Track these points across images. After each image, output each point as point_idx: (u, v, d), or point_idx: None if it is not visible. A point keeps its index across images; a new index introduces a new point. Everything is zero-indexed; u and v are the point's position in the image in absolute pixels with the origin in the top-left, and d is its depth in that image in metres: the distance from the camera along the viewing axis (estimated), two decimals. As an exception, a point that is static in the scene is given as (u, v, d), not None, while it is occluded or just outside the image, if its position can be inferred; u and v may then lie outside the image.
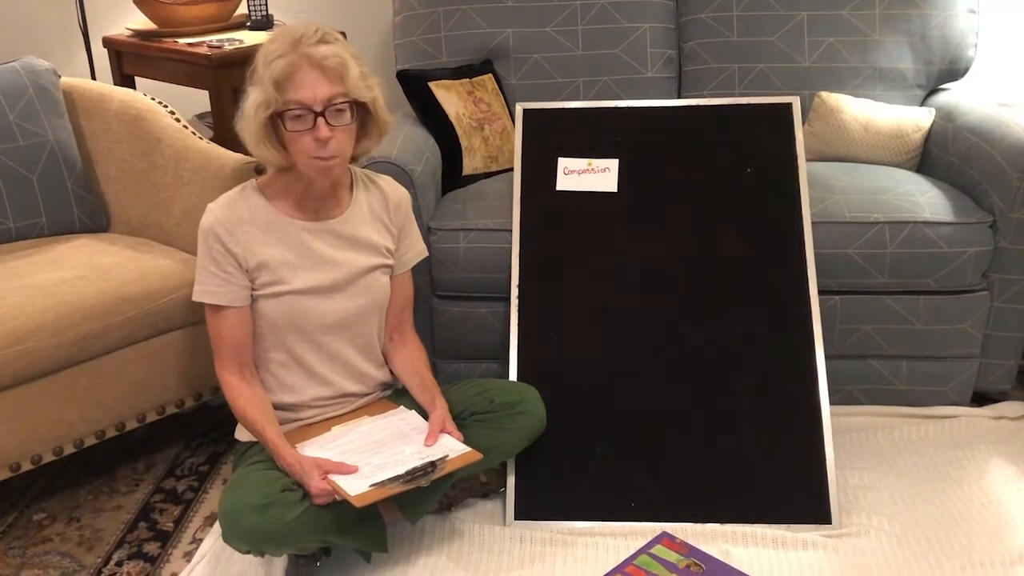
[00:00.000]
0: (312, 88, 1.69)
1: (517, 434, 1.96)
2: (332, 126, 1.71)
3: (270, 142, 1.75)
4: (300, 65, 1.69)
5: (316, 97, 1.69)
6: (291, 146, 1.74)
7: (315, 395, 1.90)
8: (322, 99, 1.69)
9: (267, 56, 1.70)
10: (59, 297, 2.03)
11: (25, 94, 2.37)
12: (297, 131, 1.71)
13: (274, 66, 1.68)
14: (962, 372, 2.36)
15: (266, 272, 1.82)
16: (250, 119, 1.72)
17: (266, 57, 1.70)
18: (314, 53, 1.69)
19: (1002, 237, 2.25)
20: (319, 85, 1.69)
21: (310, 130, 1.70)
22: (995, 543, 1.91)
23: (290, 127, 1.71)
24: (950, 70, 2.71)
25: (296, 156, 1.75)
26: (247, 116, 1.73)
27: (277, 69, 1.68)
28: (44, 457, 2.03)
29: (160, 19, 3.05)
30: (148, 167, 2.40)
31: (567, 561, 1.90)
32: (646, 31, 2.72)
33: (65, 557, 1.99)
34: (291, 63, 1.68)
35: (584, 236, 2.23)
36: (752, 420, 2.05)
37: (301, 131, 1.71)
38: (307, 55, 1.69)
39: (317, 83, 1.69)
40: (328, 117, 1.70)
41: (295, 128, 1.71)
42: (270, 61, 1.69)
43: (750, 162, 2.26)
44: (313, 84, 1.69)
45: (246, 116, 1.73)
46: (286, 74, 1.68)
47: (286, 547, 1.76)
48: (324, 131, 1.70)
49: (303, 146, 1.72)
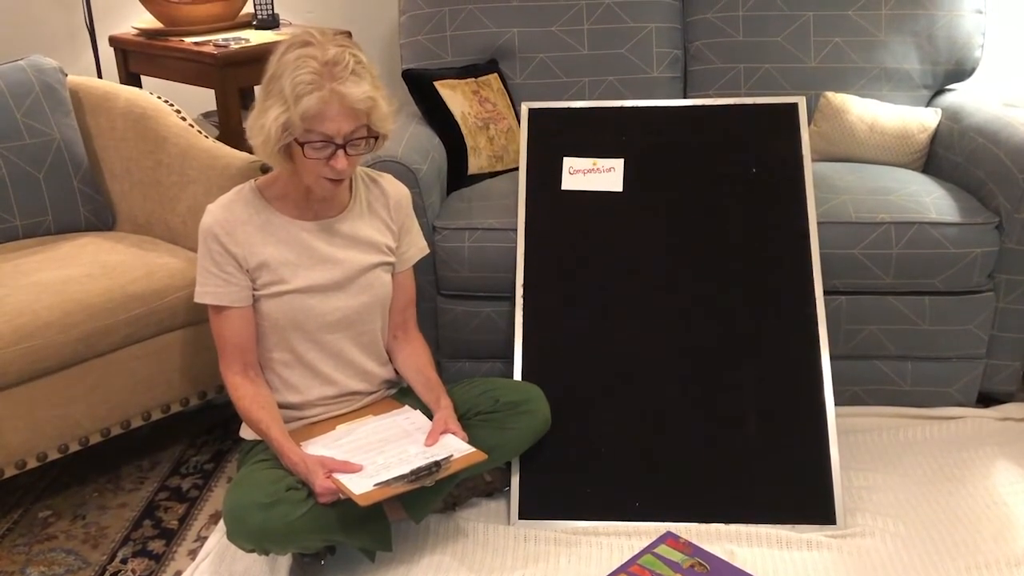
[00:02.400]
0: (337, 123, 1.69)
1: (522, 434, 1.96)
2: (349, 156, 1.73)
3: (280, 153, 1.74)
4: (331, 103, 1.67)
5: (340, 132, 1.69)
6: (302, 165, 1.74)
7: (320, 394, 1.91)
8: (345, 133, 1.70)
9: (296, 83, 1.65)
10: (65, 295, 2.03)
11: (31, 92, 2.38)
12: (314, 159, 1.71)
13: (305, 101, 1.65)
14: (967, 373, 2.36)
15: (267, 272, 1.82)
16: (266, 132, 1.70)
17: (295, 84, 1.65)
18: (347, 94, 1.67)
19: (1008, 238, 2.25)
20: (345, 122, 1.69)
21: (325, 159, 1.71)
22: (1000, 544, 1.90)
23: (309, 155, 1.70)
24: (956, 70, 2.70)
25: (305, 174, 1.76)
26: (264, 129, 1.70)
27: (308, 104, 1.65)
28: (50, 455, 2.03)
29: (166, 18, 3.06)
30: (154, 165, 2.40)
31: (571, 560, 1.90)
32: (652, 31, 2.71)
33: (70, 554, 1.99)
34: (323, 100, 1.66)
35: (589, 236, 2.23)
36: (757, 420, 2.05)
37: (317, 159, 1.71)
38: (340, 95, 1.67)
39: (343, 120, 1.69)
40: (347, 148, 1.72)
41: (313, 156, 1.71)
42: (301, 94, 1.65)
43: (755, 162, 2.26)
44: (339, 120, 1.68)
45: (262, 128, 1.70)
46: (317, 110, 1.66)
47: (291, 546, 1.76)
48: (342, 162, 1.72)
49: (315, 168, 1.73)
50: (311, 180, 1.76)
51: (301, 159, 1.73)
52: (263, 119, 1.70)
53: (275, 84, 1.69)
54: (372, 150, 1.81)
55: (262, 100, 1.73)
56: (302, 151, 1.70)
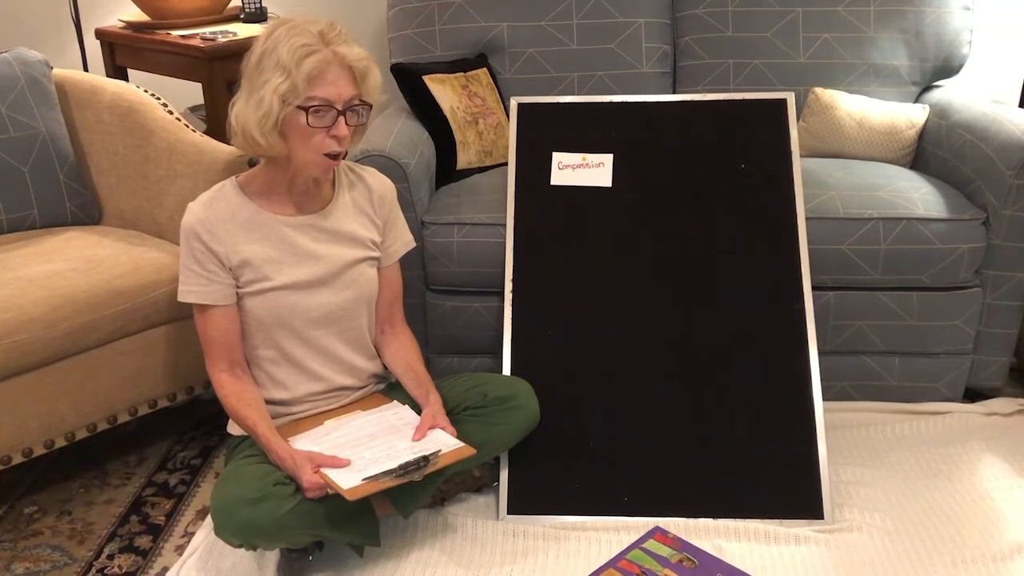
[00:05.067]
0: (338, 87, 1.70)
1: (510, 429, 1.96)
2: (349, 125, 1.73)
3: (275, 130, 1.72)
4: (332, 63, 1.69)
5: (340, 96, 1.70)
6: (299, 140, 1.72)
7: (307, 390, 1.90)
8: (345, 98, 1.71)
9: (295, 48, 1.66)
10: (51, 289, 2.02)
11: (16, 85, 2.36)
12: (316, 127, 1.70)
13: (307, 62, 1.66)
14: (954, 368, 2.37)
15: (249, 270, 1.81)
16: (266, 106, 1.68)
17: (294, 50, 1.66)
18: (347, 54, 1.70)
19: (995, 234, 2.26)
20: (345, 85, 1.70)
21: (326, 127, 1.71)
22: (986, 539, 1.91)
23: (312, 122, 1.70)
24: (944, 67, 2.71)
25: (300, 151, 1.74)
26: (262, 103, 1.68)
27: (311, 65, 1.66)
28: (35, 450, 2.02)
29: (153, 11, 3.04)
30: (141, 160, 2.39)
31: (560, 556, 1.90)
32: (641, 26, 2.71)
33: (56, 550, 1.98)
34: (324, 60, 1.68)
35: (578, 231, 2.23)
36: (745, 415, 2.06)
37: (318, 128, 1.70)
38: (340, 54, 1.69)
39: (343, 83, 1.70)
40: (346, 117, 1.72)
41: (316, 124, 1.70)
42: (301, 56, 1.66)
43: (744, 158, 2.26)
44: (339, 83, 1.70)
45: (260, 103, 1.68)
46: (319, 70, 1.67)
47: (279, 541, 1.75)
48: (343, 129, 1.72)
49: (315, 142, 1.72)
50: (308, 159, 1.74)
51: (299, 135, 1.71)
52: (259, 93, 1.69)
53: (268, 59, 1.69)
54: (365, 121, 1.80)
55: (252, 79, 1.72)
56: (305, 119, 1.69)
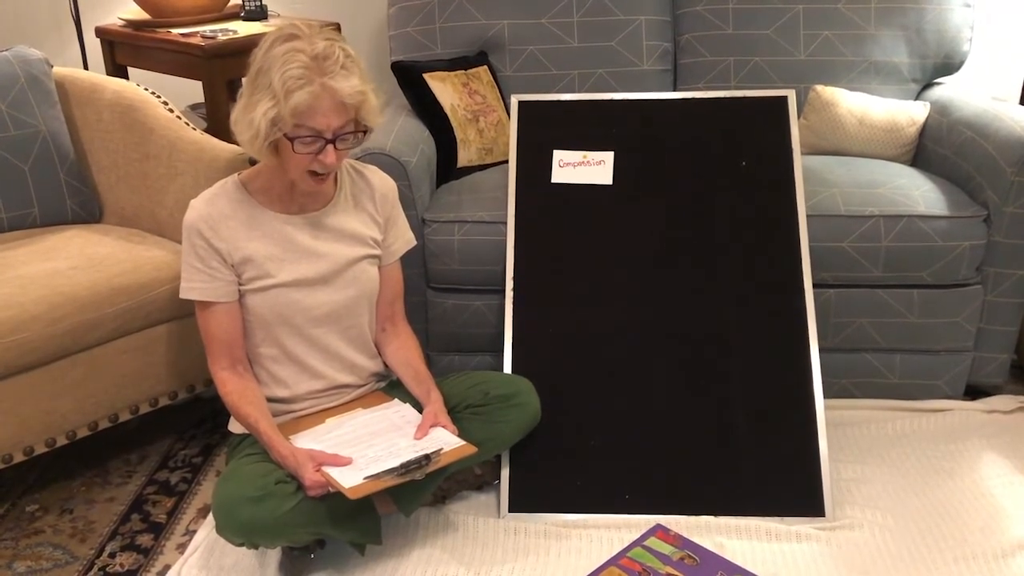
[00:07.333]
0: (327, 118, 1.67)
1: (511, 427, 1.96)
2: (338, 150, 1.72)
3: (268, 148, 1.72)
4: (322, 97, 1.65)
5: (330, 126, 1.68)
6: (289, 160, 1.72)
7: (308, 388, 1.90)
8: (335, 128, 1.69)
9: (286, 79, 1.63)
10: (52, 288, 2.02)
11: (17, 84, 2.36)
12: (302, 154, 1.70)
13: (296, 96, 1.63)
14: (955, 366, 2.37)
15: (251, 267, 1.81)
16: (255, 127, 1.67)
17: (285, 80, 1.63)
18: (338, 89, 1.66)
19: (996, 231, 2.26)
20: (335, 117, 1.68)
21: (314, 153, 1.70)
22: (987, 535, 1.91)
23: (298, 150, 1.69)
24: (945, 64, 2.71)
25: (291, 169, 1.74)
26: (252, 124, 1.68)
27: (299, 99, 1.63)
28: (37, 448, 2.02)
29: (153, 9, 3.04)
30: (141, 158, 2.39)
31: (561, 553, 1.90)
32: (642, 23, 2.71)
33: (58, 549, 1.99)
34: (314, 95, 1.64)
35: (579, 229, 2.23)
36: (746, 413, 2.06)
37: (305, 153, 1.70)
38: (331, 89, 1.65)
39: (334, 115, 1.68)
40: (336, 143, 1.71)
41: (303, 151, 1.70)
42: (291, 89, 1.63)
43: (745, 155, 2.26)
44: (329, 115, 1.67)
45: (251, 123, 1.68)
46: (307, 104, 1.65)
47: (280, 539, 1.75)
48: (331, 157, 1.71)
49: (302, 162, 1.72)
50: (297, 175, 1.75)
51: (288, 154, 1.71)
52: (251, 114, 1.68)
53: (263, 79, 1.67)
54: (359, 144, 1.80)
55: (249, 95, 1.71)
56: (291, 146, 1.69)
